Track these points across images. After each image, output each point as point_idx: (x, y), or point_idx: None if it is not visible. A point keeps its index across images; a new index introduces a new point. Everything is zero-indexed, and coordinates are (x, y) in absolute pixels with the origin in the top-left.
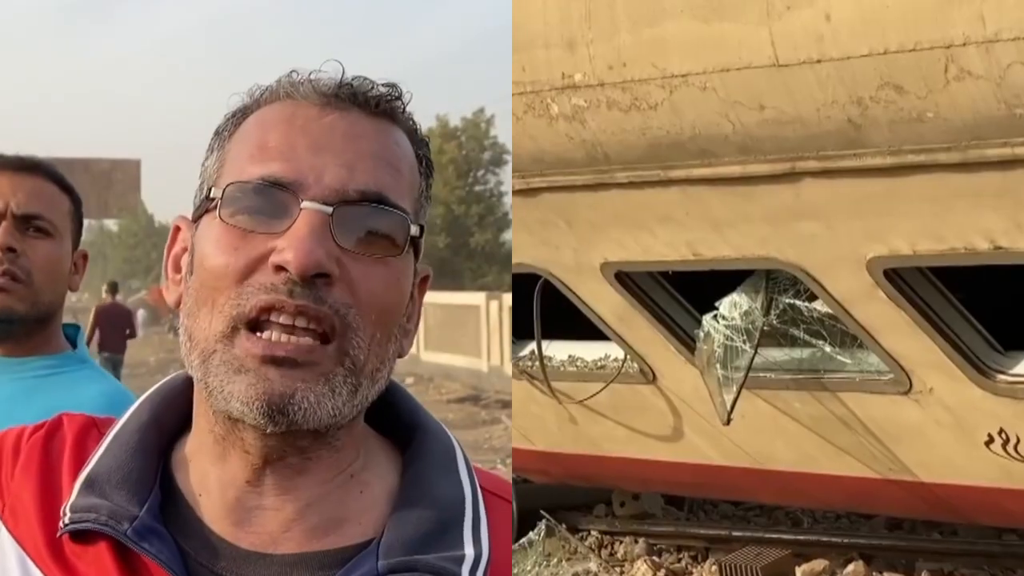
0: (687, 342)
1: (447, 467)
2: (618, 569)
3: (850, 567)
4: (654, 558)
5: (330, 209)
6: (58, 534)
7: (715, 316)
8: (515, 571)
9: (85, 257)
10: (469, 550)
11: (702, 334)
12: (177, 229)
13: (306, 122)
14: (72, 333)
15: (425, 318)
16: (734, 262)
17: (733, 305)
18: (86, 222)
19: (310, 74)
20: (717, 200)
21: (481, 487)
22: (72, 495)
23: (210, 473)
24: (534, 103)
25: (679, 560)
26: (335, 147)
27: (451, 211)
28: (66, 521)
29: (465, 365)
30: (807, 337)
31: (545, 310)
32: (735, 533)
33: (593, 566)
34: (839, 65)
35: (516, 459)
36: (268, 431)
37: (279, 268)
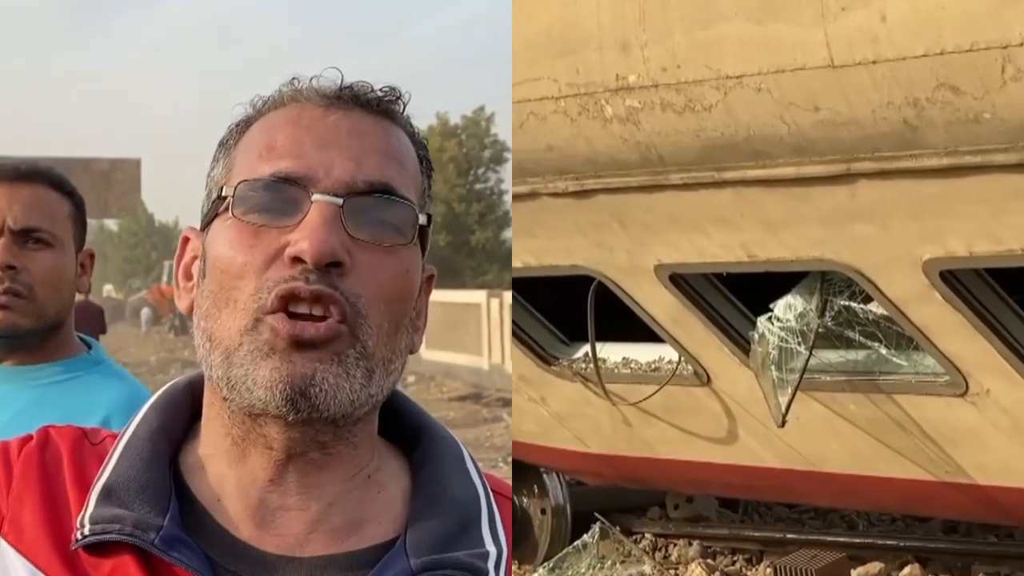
0: (742, 344)
1: (459, 468)
2: (672, 572)
3: (906, 570)
4: (708, 560)
5: (340, 201)
6: (75, 546)
7: (770, 318)
8: (570, 573)
9: (92, 256)
10: (491, 547)
11: (757, 336)
12: (186, 240)
13: (311, 122)
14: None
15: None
16: (789, 264)
17: (788, 307)
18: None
19: (311, 79)
20: (772, 202)
21: (495, 492)
22: (89, 506)
23: (228, 476)
24: (588, 105)
25: (733, 563)
26: (341, 143)
27: (452, 209)
28: (85, 532)
29: (466, 363)
30: (862, 339)
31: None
32: (790, 535)
33: (647, 569)
34: (895, 66)
35: (570, 462)
36: (291, 419)
37: (295, 260)
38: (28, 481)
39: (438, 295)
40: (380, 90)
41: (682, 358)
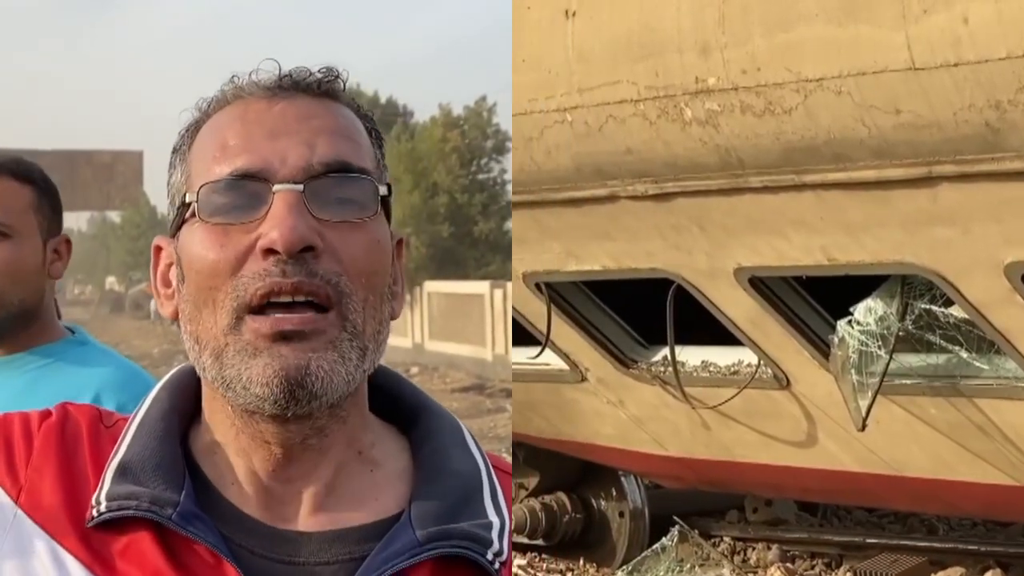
0: (821, 347)
1: (459, 442)
2: (751, 575)
3: (987, 575)
4: (787, 564)
5: (301, 186)
6: (91, 522)
7: (850, 321)
8: None
9: (68, 243)
10: (494, 517)
11: (837, 339)
12: (158, 249)
13: (258, 114)
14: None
15: (429, 307)
16: (869, 267)
17: (868, 310)
18: (88, 214)
19: (250, 74)
20: (852, 205)
21: (497, 468)
22: (105, 484)
23: (236, 465)
24: (667, 107)
25: (812, 567)
26: (291, 130)
27: (454, 200)
28: (102, 509)
29: (470, 354)
30: (943, 342)
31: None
32: (869, 540)
33: (726, 572)
34: (977, 68)
35: (648, 465)
36: (289, 414)
37: (268, 252)
38: (48, 455)
39: (442, 286)
40: (319, 71)
41: (761, 361)
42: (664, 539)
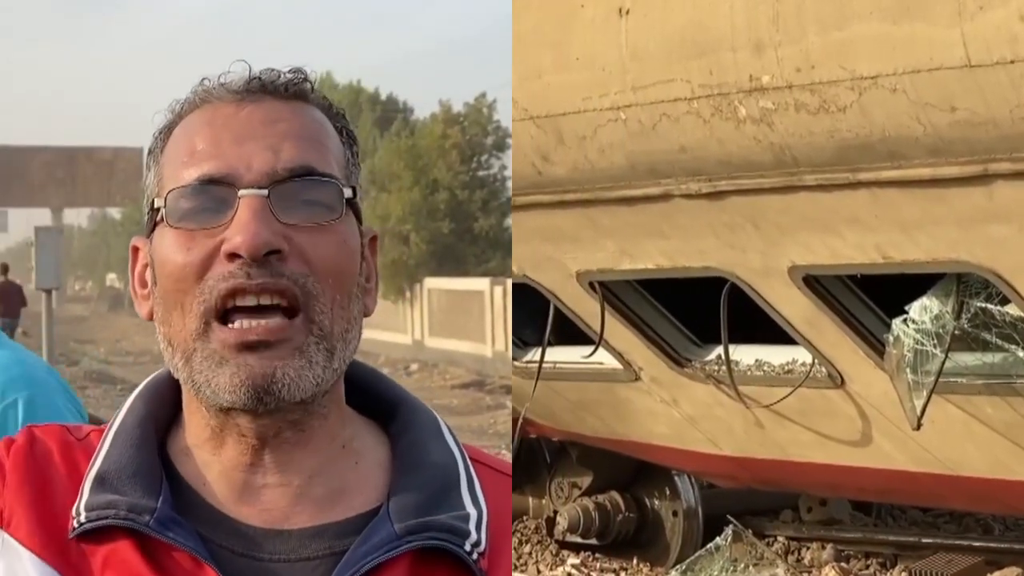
0: (876, 346)
1: (436, 435)
2: (806, 575)
3: None
4: (842, 564)
5: (265, 192)
6: (73, 533)
7: (905, 320)
8: None
9: None
10: (471, 509)
11: (892, 338)
12: (136, 249)
13: (226, 119)
14: None
15: (429, 304)
16: (924, 265)
17: (923, 309)
18: (89, 210)
19: (219, 77)
20: (907, 203)
21: (478, 461)
22: (84, 495)
23: (212, 463)
24: (721, 106)
25: (867, 566)
26: (257, 134)
27: (454, 196)
28: (82, 520)
29: (469, 351)
30: (999, 341)
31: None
32: (924, 540)
33: (780, 572)
34: None
35: (702, 464)
36: (259, 411)
37: (232, 256)
38: (22, 476)
39: (442, 282)
40: (288, 72)
41: (816, 360)
42: (718, 538)
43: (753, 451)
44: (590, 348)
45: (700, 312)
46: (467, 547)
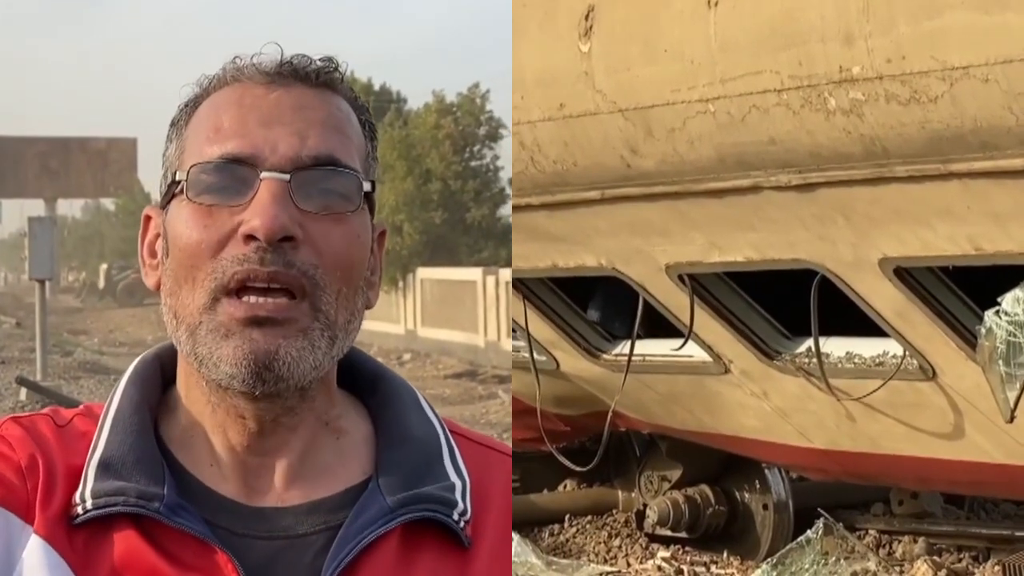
0: (968, 338)
1: (416, 407)
2: (897, 568)
3: None
4: (934, 558)
5: (287, 176)
6: (79, 520)
7: (997, 312)
8: (793, 569)
9: None
10: (455, 479)
11: (984, 330)
12: (148, 218)
13: (254, 100)
14: None
15: (422, 294)
16: (1017, 256)
17: (1016, 300)
18: (82, 201)
19: (252, 57)
20: (999, 194)
21: (456, 433)
22: (88, 481)
23: (212, 442)
24: (811, 97)
25: (960, 560)
26: (285, 119)
27: (447, 186)
28: (88, 506)
29: (462, 341)
30: None
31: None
32: (1018, 533)
33: (872, 565)
34: None
35: (792, 457)
36: (257, 393)
37: (249, 238)
38: (28, 466)
39: (434, 272)
40: (319, 61)
41: (907, 352)
42: (808, 532)
43: (844, 444)
44: (679, 341)
45: (790, 305)
46: (455, 517)
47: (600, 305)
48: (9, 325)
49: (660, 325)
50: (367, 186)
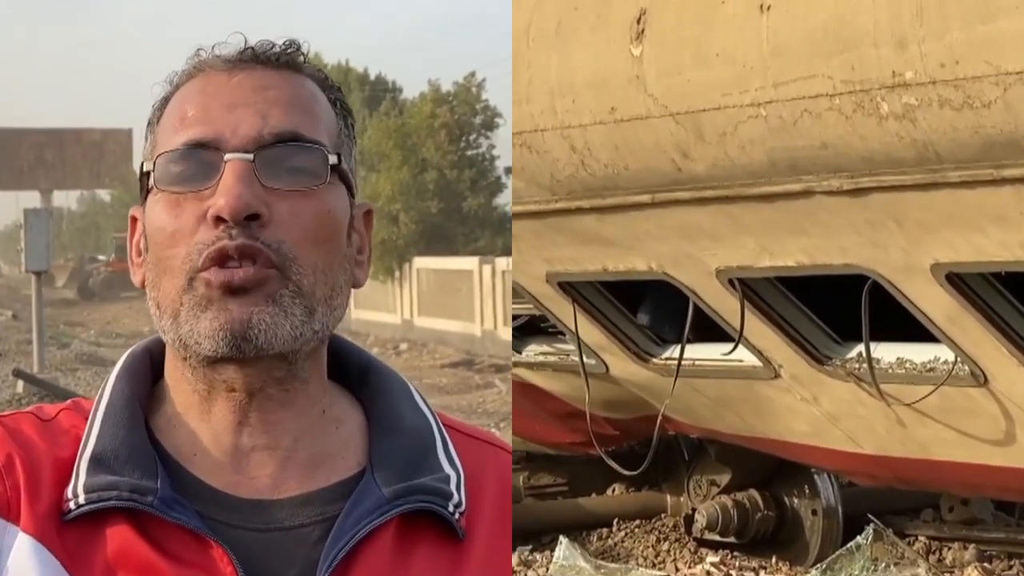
0: (1020, 344)
1: (408, 399)
2: (948, 575)
3: None
4: (984, 564)
5: (251, 156)
6: (72, 515)
7: None
8: (843, 575)
9: None
10: (449, 470)
11: None
12: (134, 219)
13: (216, 87)
14: None
15: (419, 283)
16: None
17: None
18: (78, 193)
19: (214, 47)
20: None
21: (448, 426)
22: (80, 476)
23: (200, 430)
24: (863, 102)
25: (1010, 567)
26: (246, 101)
27: (443, 176)
28: (80, 501)
29: (458, 330)
30: None
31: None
32: None
33: (922, 572)
34: None
35: (842, 463)
36: (243, 359)
37: (217, 220)
38: (8, 463)
39: (431, 262)
40: (281, 43)
41: (958, 358)
42: (858, 538)
43: (894, 450)
44: (729, 345)
45: (841, 310)
46: (450, 508)
47: (650, 309)
48: (5, 318)
49: (710, 329)
50: (333, 159)
